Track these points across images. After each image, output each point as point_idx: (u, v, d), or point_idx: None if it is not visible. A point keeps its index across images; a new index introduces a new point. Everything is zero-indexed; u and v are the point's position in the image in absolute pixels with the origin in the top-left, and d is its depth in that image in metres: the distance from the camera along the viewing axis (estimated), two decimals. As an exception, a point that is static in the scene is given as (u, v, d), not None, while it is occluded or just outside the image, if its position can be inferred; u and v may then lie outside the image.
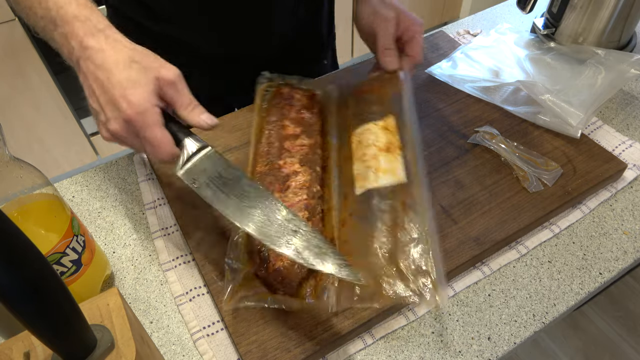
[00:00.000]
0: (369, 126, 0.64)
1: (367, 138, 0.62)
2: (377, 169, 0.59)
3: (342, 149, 0.64)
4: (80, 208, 0.67)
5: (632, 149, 0.70)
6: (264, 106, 0.70)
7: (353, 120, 0.66)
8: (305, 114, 0.68)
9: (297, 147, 0.63)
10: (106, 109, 0.48)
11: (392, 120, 0.64)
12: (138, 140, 0.49)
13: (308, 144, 0.64)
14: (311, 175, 0.60)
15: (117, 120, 0.48)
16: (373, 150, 0.61)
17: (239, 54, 0.79)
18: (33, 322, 0.30)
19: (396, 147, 0.61)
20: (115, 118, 0.48)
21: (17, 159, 0.46)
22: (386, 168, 0.59)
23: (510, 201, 0.61)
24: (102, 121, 0.50)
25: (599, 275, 0.58)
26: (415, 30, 0.69)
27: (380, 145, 0.61)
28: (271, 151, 0.63)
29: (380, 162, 0.59)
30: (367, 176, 0.58)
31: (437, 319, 0.55)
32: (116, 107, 0.47)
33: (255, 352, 0.49)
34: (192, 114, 0.51)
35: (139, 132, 0.48)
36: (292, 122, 0.66)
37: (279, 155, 0.62)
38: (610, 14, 0.78)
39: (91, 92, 0.49)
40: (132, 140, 0.50)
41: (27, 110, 1.66)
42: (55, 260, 0.48)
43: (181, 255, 0.60)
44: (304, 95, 0.71)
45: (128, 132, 0.49)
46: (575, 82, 0.73)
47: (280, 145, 0.63)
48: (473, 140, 0.68)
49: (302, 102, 0.69)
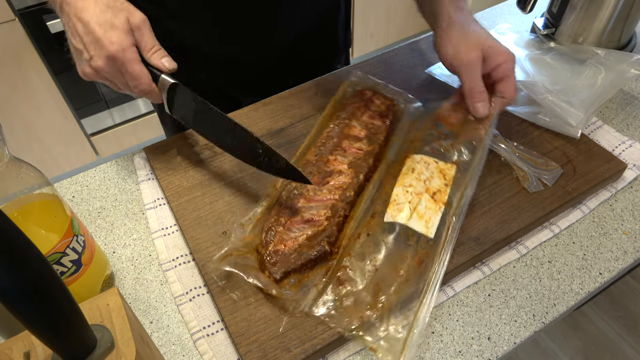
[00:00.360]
0: (429, 160, 0.61)
1: (422, 171, 0.60)
2: (414, 209, 0.57)
3: (393, 166, 0.63)
4: (80, 208, 0.67)
5: (632, 149, 0.70)
6: (341, 101, 0.71)
7: (418, 144, 0.64)
8: (377, 120, 0.68)
9: (353, 149, 0.64)
10: (90, 48, 0.55)
11: (453, 170, 0.60)
12: (120, 75, 0.57)
13: (365, 150, 0.64)
14: (352, 180, 0.61)
15: (100, 57, 0.55)
16: (420, 187, 0.59)
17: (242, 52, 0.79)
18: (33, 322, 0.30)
19: (442, 199, 0.58)
20: (98, 55, 0.55)
21: (17, 159, 0.46)
22: (422, 214, 0.57)
23: (510, 201, 0.61)
24: (85, 59, 0.56)
25: (599, 275, 0.58)
26: (507, 69, 0.63)
27: (429, 186, 0.59)
28: (327, 144, 0.65)
29: (421, 204, 0.57)
30: (402, 208, 0.57)
31: (437, 319, 0.55)
32: (99, 45, 0.54)
33: (255, 352, 0.49)
34: (154, 56, 0.58)
35: (121, 67, 0.56)
36: (359, 124, 0.67)
37: (331, 151, 0.64)
38: (610, 14, 0.78)
39: (75, 32, 0.55)
40: (113, 75, 0.57)
41: (27, 110, 1.66)
42: (55, 260, 0.48)
43: (181, 255, 0.60)
44: (384, 102, 0.70)
45: (111, 68, 0.56)
46: (575, 82, 0.73)
47: (338, 142, 0.65)
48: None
49: (378, 109, 0.69)
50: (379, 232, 0.56)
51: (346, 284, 0.53)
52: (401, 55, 0.83)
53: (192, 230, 0.60)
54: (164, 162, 0.68)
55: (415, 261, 0.54)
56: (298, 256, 0.54)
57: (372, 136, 0.66)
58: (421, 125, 0.67)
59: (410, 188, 0.58)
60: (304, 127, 0.72)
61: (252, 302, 0.53)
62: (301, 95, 0.77)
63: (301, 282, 0.54)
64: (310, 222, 0.58)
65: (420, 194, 0.58)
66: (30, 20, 1.51)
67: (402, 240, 0.55)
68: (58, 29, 1.53)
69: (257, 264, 0.55)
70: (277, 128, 0.72)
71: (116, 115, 1.90)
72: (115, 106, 1.87)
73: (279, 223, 0.57)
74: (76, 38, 0.56)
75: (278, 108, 0.75)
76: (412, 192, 0.58)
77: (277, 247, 0.55)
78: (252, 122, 0.73)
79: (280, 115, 0.74)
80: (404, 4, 2.25)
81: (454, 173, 0.60)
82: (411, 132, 0.67)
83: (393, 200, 0.58)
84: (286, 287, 0.53)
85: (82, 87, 1.72)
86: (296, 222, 0.58)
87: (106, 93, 1.80)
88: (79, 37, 0.55)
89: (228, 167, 0.67)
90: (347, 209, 0.59)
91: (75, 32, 0.55)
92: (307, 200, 0.59)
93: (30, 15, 1.50)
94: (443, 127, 0.64)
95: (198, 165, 0.67)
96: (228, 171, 0.66)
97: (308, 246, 0.55)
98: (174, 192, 0.64)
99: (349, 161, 0.63)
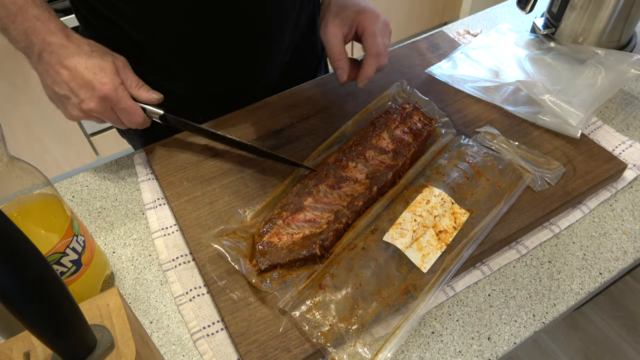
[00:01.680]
0: (447, 198, 0.59)
1: (436, 206, 0.58)
2: (416, 239, 0.56)
3: (410, 188, 0.61)
4: (80, 208, 0.67)
5: (632, 149, 0.70)
6: (378, 110, 0.70)
7: (441, 177, 0.62)
8: (408, 137, 0.66)
9: (377, 160, 0.63)
10: (79, 92, 0.57)
11: (465, 217, 0.58)
12: (112, 113, 0.60)
13: (387, 164, 0.63)
14: (365, 191, 0.60)
15: (92, 99, 0.57)
16: (429, 221, 0.57)
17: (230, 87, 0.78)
18: (33, 322, 0.30)
19: (447, 240, 0.57)
20: (90, 97, 0.57)
21: (17, 159, 0.46)
22: (422, 247, 0.56)
23: (510, 201, 0.61)
24: (74, 103, 0.58)
25: (599, 275, 0.58)
26: (366, 25, 0.64)
27: (438, 223, 0.57)
28: (350, 150, 0.64)
29: (424, 237, 0.56)
30: (404, 234, 0.56)
31: (437, 319, 0.55)
32: (90, 87, 0.57)
33: (255, 352, 0.49)
34: (141, 91, 0.62)
35: (115, 105, 0.59)
36: (389, 137, 0.66)
37: (353, 158, 0.63)
38: (610, 14, 0.78)
39: (58, 79, 0.57)
40: (104, 114, 0.60)
41: (27, 109, 1.66)
42: (55, 260, 0.48)
43: (181, 255, 0.60)
44: (421, 120, 0.68)
45: (104, 108, 0.59)
46: (575, 82, 0.73)
47: (362, 150, 0.64)
48: (474, 141, 0.67)
49: (413, 126, 0.67)
50: (374, 248, 0.55)
51: (326, 290, 0.53)
52: (401, 55, 0.83)
53: (192, 230, 0.60)
54: (164, 162, 0.68)
55: (401, 288, 0.53)
56: (288, 252, 0.55)
57: (399, 151, 0.64)
58: (449, 156, 0.64)
59: (420, 218, 0.57)
60: (304, 127, 0.72)
61: (252, 302, 0.53)
62: (301, 95, 0.77)
63: (284, 278, 0.54)
64: (310, 222, 0.58)
65: (427, 227, 0.57)
66: (30, 20, 1.50)
67: (394, 264, 0.54)
68: (58, 29, 1.53)
69: (248, 250, 0.56)
70: (277, 128, 0.72)
71: (116, 115, 1.90)
72: (115, 106, 1.87)
73: (280, 216, 0.58)
74: (60, 85, 0.57)
75: (278, 108, 0.75)
76: (420, 222, 0.57)
77: (271, 239, 0.56)
78: (252, 122, 0.73)
79: (280, 115, 0.74)
80: (404, 4, 2.25)
81: (465, 220, 0.58)
82: (439, 160, 0.64)
83: (398, 223, 0.57)
84: (267, 280, 0.54)
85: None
86: (297, 219, 0.58)
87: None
88: (64, 83, 0.57)
89: (228, 167, 0.67)
90: (352, 217, 0.58)
91: (59, 79, 0.57)
92: (314, 201, 0.59)
93: (30, 15, 1.50)
94: (470, 170, 0.62)
95: (198, 165, 0.67)
96: (228, 171, 0.66)
97: (301, 245, 0.55)
98: (174, 192, 0.64)
99: (368, 171, 0.62)
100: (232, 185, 0.65)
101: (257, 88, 0.79)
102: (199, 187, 0.65)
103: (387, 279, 0.53)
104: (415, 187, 0.61)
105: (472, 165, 0.63)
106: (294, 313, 0.51)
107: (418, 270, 0.54)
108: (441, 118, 0.70)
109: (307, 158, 0.66)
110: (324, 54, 0.91)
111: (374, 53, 0.64)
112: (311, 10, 0.80)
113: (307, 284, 0.53)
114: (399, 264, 0.54)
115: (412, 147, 0.65)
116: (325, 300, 0.52)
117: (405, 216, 0.57)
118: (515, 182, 0.62)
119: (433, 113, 0.70)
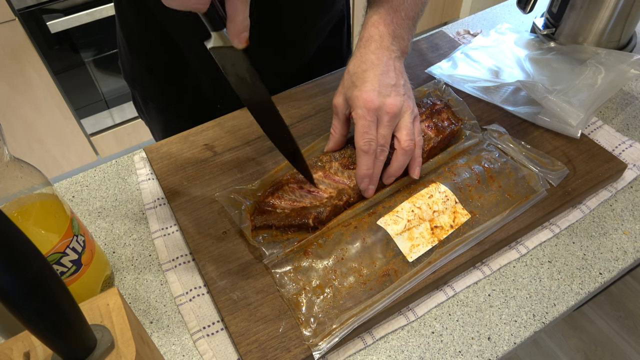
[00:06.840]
0: (451, 197, 0.59)
1: (437, 202, 0.58)
2: (408, 228, 0.56)
3: (418, 181, 0.62)
4: (80, 208, 0.67)
5: (632, 149, 0.70)
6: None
7: (451, 175, 0.62)
8: (431, 132, 0.65)
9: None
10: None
11: (465, 218, 0.58)
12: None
13: None
14: None
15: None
16: (427, 215, 0.57)
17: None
18: (33, 322, 0.30)
19: (440, 236, 0.56)
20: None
21: (17, 159, 0.46)
22: (414, 237, 0.56)
23: (510, 201, 0.61)
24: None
25: (599, 275, 0.58)
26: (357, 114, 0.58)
27: (435, 219, 0.57)
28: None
29: (417, 229, 0.56)
30: (398, 222, 0.57)
31: (437, 319, 0.55)
32: None
33: (255, 352, 0.49)
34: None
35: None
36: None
37: None
38: (610, 14, 0.78)
39: None
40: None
41: (27, 110, 1.66)
42: (55, 260, 0.48)
43: (181, 255, 0.60)
44: (449, 119, 0.67)
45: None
46: (575, 82, 0.73)
47: None
48: (481, 137, 0.67)
49: (440, 122, 0.67)
50: (366, 229, 0.57)
51: (310, 257, 0.55)
52: (401, 55, 0.83)
53: (192, 230, 0.60)
54: (164, 162, 0.68)
55: (381, 271, 0.54)
56: (285, 217, 0.57)
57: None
58: (468, 158, 0.64)
59: (418, 210, 0.58)
60: (304, 127, 0.72)
61: (252, 302, 0.53)
62: (301, 95, 0.77)
63: (274, 238, 0.58)
64: (313, 194, 0.60)
65: (423, 220, 0.57)
66: (30, 20, 1.51)
67: (380, 247, 0.56)
68: (58, 29, 1.53)
69: (252, 208, 0.60)
70: None
71: (116, 115, 1.90)
72: (115, 106, 1.87)
73: (287, 182, 0.60)
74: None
75: (278, 108, 0.75)
76: (417, 214, 0.57)
77: (273, 201, 0.59)
78: (253, 122, 0.73)
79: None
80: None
81: (465, 221, 0.58)
82: (456, 160, 0.64)
83: (395, 211, 0.58)
84: (259, 237, 0.57)
85: (82, 87, 1.72)
86: (302, 188, 0.60)
87: (106, 93, 1.80)
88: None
89: (228, 167, 0.67)
90: (354, 198, 0.60)
91: None
92: (324, 175, 0.61)
93: (30, 15, 1.50)
94: (483, 174, 0.62)
95: (198, 165, 0.67)
96: (228, 171, 0.66)
97: (297, 213, 0.57)
98: (174, 192, 0.64)
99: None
100: (232, 185, 0.65)
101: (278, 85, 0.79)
102: (199, 187, 0.65)
103: (370, 259, 0.55)
104: (423, 182, 0.62)
105: (487, 169, 0.63)
106: (274, 271, 0.54)
107: (403, 257, 0.55)
108: (470, 120, 0.69)
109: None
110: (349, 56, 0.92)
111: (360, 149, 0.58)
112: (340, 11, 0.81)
113: (294, 247, 0.56)
114: (385, 248, 0.56)
115: (432, 142, 0.65)
116: (306, 266, 0.54)
117: (404, 205, 0.58)
118: (527, 194, 0.61)
119: (463, 114, 0.70)
